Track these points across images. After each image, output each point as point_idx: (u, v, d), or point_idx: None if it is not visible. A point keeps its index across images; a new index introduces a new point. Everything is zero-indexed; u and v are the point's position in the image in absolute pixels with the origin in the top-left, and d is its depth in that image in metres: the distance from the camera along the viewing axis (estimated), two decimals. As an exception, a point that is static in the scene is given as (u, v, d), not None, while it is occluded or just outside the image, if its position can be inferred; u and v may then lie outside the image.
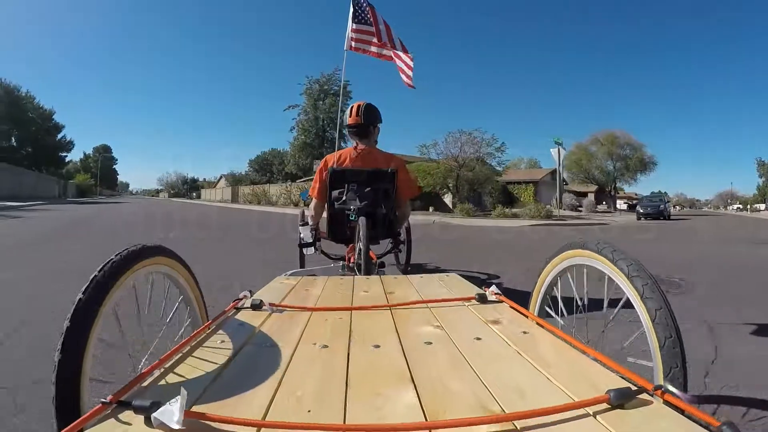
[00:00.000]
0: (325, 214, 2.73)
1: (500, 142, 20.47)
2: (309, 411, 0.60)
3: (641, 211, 21.35)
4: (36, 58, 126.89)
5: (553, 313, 1.26)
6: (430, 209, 20.41)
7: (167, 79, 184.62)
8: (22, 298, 2.83)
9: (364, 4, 6.38)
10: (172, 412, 0.53)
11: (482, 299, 1.22)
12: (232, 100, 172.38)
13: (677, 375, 0.83)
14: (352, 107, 2.78)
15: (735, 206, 75.29)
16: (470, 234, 9.47)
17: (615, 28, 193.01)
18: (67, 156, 47.99)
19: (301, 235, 2.80)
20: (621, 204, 37.71)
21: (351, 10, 6.28)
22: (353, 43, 6.38)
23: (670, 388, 0.65)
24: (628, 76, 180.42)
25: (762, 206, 51.88)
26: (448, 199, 22.65)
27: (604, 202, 31.71)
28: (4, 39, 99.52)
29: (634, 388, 0.64)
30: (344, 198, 2.57)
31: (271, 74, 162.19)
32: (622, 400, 0.60)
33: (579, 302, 1.12)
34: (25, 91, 40.04)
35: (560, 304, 1.22)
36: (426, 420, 0.58)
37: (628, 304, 0.97)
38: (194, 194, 69.94)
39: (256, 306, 1.13)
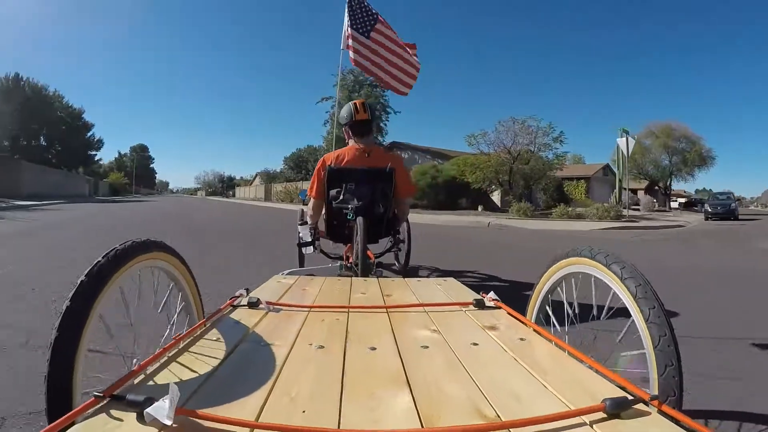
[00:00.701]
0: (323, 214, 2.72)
1: (558, 131, 17.80)
2: (303, 412, 0.59)
3: (710, 210, 19.15)
4: (77, 59, 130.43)
5: (562, 319, 1.21)
6: (479, 208, 18.34)
7: (205, 79, 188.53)
8: None
9: (358, 10, 5.80)
10: (164, 409, 0.52)
11: (480, 305, 1.21)
12: (270, 98, 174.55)
13: (674, 385, 0.82)
14: (355, 104, 2.72)
15: (788, 204, 70.61)
16: (552, 243, 7.68)
17: (619, 27, 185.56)
18: (96, 155, 48.16)
19: (300, 235, 2.79)
20: (674, 202, 34.59)
21: (346, 9, 5.85)
22: (350, 42, 5.92)
23: (667, 398, 0.64)
24: (666, 69, 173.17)
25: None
26: (495, 196, 20.65)
27: (655, 200, 29.07)
28: (48, 40, 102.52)
29: (630, 397, 0.63)
30: (342, 197, 2.57)
31: (310, 71, 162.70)
32: (618, 409, 0.59)
33: (575, 310, 1.13)
34: (53, 90, 40.07)
35: (566, 309, 1.17)
36: (422, 426, 0.57)
37: (629, 314, 0.95)
38: (230, 192, 70.15)
39: (253, 304, 1.13)
